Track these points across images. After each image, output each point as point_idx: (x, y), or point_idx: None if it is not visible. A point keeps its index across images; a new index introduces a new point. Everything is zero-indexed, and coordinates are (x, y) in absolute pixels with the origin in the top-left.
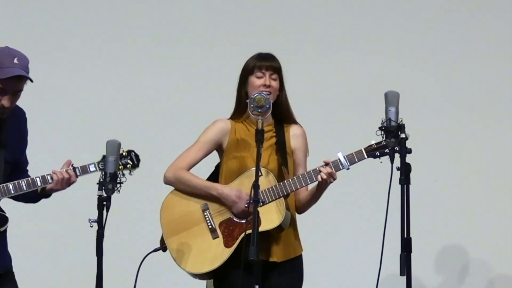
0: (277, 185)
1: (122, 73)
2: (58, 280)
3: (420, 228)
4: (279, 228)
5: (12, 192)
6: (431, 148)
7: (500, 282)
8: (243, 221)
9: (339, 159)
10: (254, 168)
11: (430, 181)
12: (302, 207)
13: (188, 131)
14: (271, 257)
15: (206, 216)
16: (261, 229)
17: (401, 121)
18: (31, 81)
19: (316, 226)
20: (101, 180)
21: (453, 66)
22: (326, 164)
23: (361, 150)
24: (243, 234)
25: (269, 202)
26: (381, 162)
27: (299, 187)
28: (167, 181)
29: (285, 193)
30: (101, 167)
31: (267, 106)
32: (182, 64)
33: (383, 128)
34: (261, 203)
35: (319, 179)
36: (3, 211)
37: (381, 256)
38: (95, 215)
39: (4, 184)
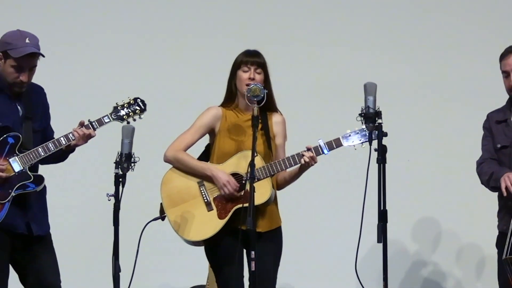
0: (266, 166)
1: (134, 66)
2: (80, 245)
3: (394, 201)
4: (265, 203)
5: (42, 154)
6: (405, 131)
7: (467, 249)
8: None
9: (319, 145)
10: (246, 150)
11: (404, 160)
12: (282, 185)
13: (182, 116)
14: (257, 228)
15: (202, 191)
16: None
17: (378, 108)
18: (43, 56)
19: (307, 201)
20: (118, 160)
21: (424, 61)
22: (308, 149)
23: (338, 138)
24: (235, 208)
25: (259, 180)
26: (355, 149)
27: (285, 169)
28: (167, 160)
29: (272, 173)
30: (114, 117)
31: (262, 95)
32: (185, 59)
33: (363, 114)
34: (256, 179)
35: (303, 162)
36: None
37: (361, 226)
38: (112, 190)
39: (34, 149)
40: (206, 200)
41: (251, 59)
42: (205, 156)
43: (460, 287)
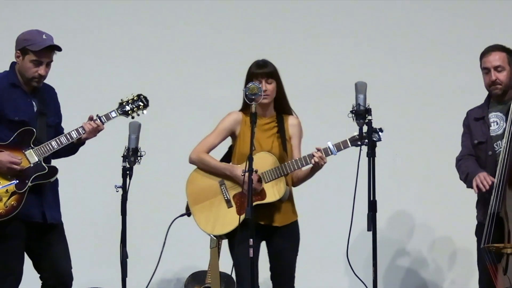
0: (280, 167)
1: (140, 65)
2: (90, 233)
3: (383, 192)
4: (280, 200)
5: (55, 146)
6: (392, 127)
7: (440, 241)
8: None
9: (328, 146)
10: (262, 152)
11: (391, 154)
12: (297, 182)
13: (185, 114)
14: (273, 222)
15: (223, 190)
16: (266, 201)
17: (368, 106)
18: (60, 50)
19: (301, 192)
20: (125, 154)
21: (413, 61)
22: (318, 150)
23: (346, 140)
24: (252, 204)
25: (273, 179)
26: (360, 149)
27: (296, 169)
28: (191, 161)
29: (286, 173)
30: (120, 112)
31: (259, 93)
32: (188, 58)
33: (354, 111)
34: (267, 181)
35: (313, 162)
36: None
37: (352, 215)
38: (120, 182)
39: (48, 142)
40: (226, 198)
41: (261, 71)
42: (228, 156)
43: (440, 273)
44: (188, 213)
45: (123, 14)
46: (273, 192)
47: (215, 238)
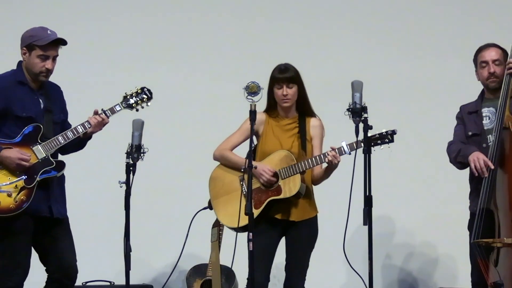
0: (295, 164)
1: (143, 64)
2: (95, 227)
3: (378, 188)
4: (296, 196)
5: (62, 141)
6: (388, 125)
7: (435, 234)
8: (269, 190)
9: (342, 146)
10: (281, 150)
11: (387, 151)
12: (316, 181)
13: (187, 112)
14: (290, 217)
15: (242, 185)
16: (281, 196)
17: (364, 104)
18: (66, 43)
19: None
20: (128, 150)
21: (408, 61)
22: (332, 149)
23: (359, 140)
24: (268, 200)
25: (289, 176)
26: (374, 150)
27: (311, 166)
28: (215, 158)
29: (301, 171)
30: (124, 106)
31: (258, 92)
32: (189, 57)
33: (350, 109)
34: (283, 177)
35: (327, 161)
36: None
37: (348, 210)
38: (124, 178)
39: (55, 137)
40: (245, 193)
41: (282, 76)
42: (253, 153)
43: (435, 265)
44: (209, 206)
45: (128, 10)
46: (288, 188)
47: (230, 229)
